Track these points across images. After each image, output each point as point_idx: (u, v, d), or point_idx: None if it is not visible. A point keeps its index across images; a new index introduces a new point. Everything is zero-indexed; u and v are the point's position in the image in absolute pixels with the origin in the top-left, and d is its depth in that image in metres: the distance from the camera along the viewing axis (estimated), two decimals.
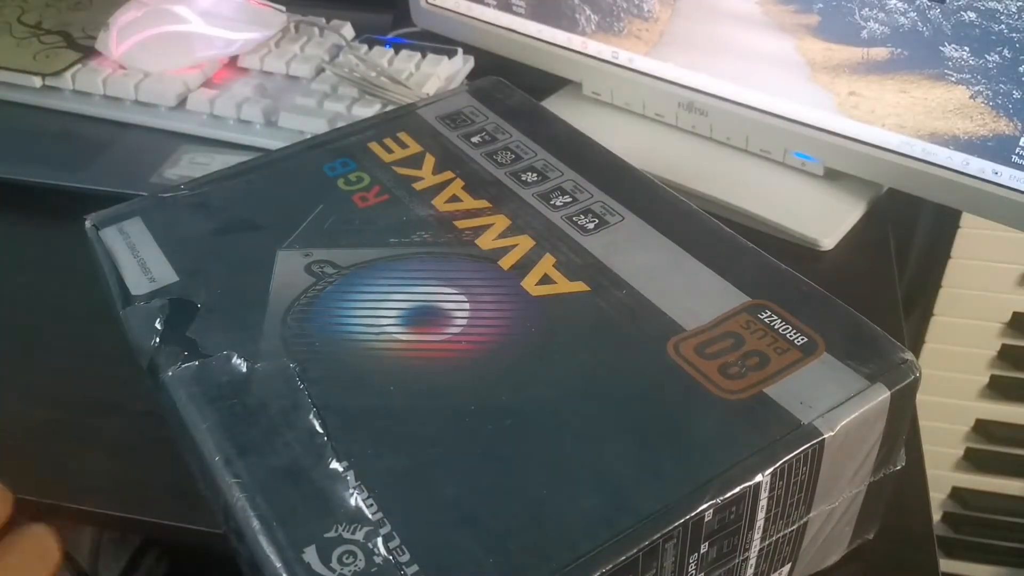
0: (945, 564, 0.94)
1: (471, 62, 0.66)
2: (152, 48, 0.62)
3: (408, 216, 0.40)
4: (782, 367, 0.31)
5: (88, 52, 0.64)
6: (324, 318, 0.34)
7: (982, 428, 0.86)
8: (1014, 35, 0.43)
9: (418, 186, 0.41)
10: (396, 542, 0.26)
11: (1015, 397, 0.83)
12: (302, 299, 0.35)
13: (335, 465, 0.28)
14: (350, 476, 0.28)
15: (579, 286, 0.35)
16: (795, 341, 0.32)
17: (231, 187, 0.42)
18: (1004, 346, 0.81)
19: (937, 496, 0.92)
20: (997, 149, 0.46)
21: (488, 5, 0.62)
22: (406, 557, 0.26)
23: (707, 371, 0.31)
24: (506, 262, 0.37)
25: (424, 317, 0.34)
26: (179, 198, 0.41)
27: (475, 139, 0.45)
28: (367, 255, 0.37)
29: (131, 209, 0.41)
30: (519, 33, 0.62)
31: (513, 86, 0.50)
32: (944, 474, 0.90)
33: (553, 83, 0.63)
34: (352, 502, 0.27)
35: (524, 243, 0.38)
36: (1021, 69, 0.43)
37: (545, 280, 0.36)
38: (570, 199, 0.40)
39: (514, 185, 0.41)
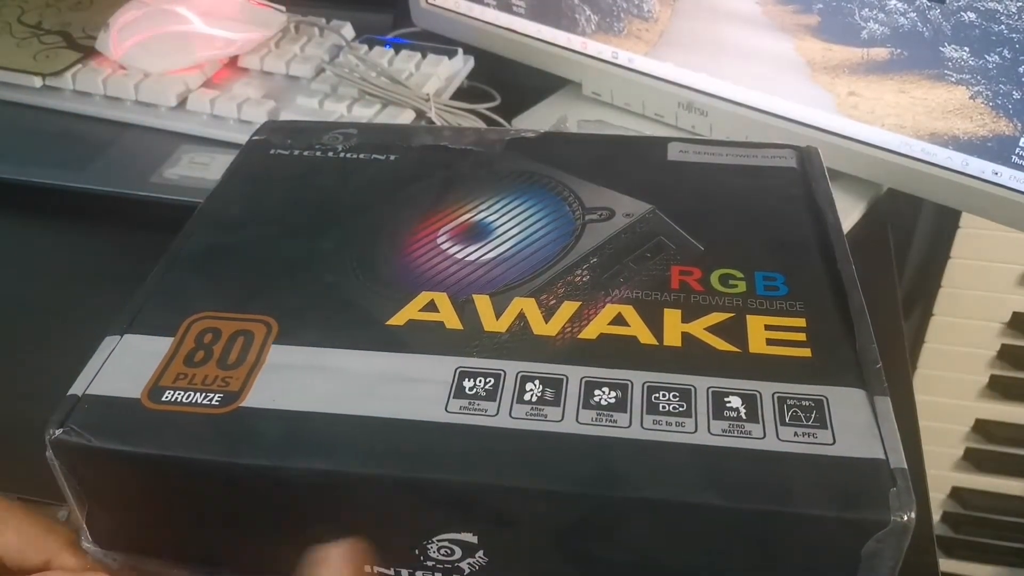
0: (945, 564, 0.94)
1: (471, 62, 0.66)
2: (152, 48, 0.62)
3: None
4: None
5: (88, 52, 0.64)
6: None
7: (982, 428, 0.86)
8: (1014, 35, 0.43)
9: None
10: None
11: (1015, 397, 0.83)
12: None
13: None
14: None
15: None
16: None
17: None
18: (1004, 346, 0.81)
19: (937, 496, 0.91)
20: (997, 149, 0.46)
21: (488, 5, 0.62)
22: None
23: None
24: None
25: None
26: None
27: None
28: None
29: None
30: (519, 33, 0.62)
31: None
32: (944, 474, 0.90)
33: (553, 83, 0.63)
34: None
35: None
36: (1021, 70, 0.43)
37: None
38: None
39: None
